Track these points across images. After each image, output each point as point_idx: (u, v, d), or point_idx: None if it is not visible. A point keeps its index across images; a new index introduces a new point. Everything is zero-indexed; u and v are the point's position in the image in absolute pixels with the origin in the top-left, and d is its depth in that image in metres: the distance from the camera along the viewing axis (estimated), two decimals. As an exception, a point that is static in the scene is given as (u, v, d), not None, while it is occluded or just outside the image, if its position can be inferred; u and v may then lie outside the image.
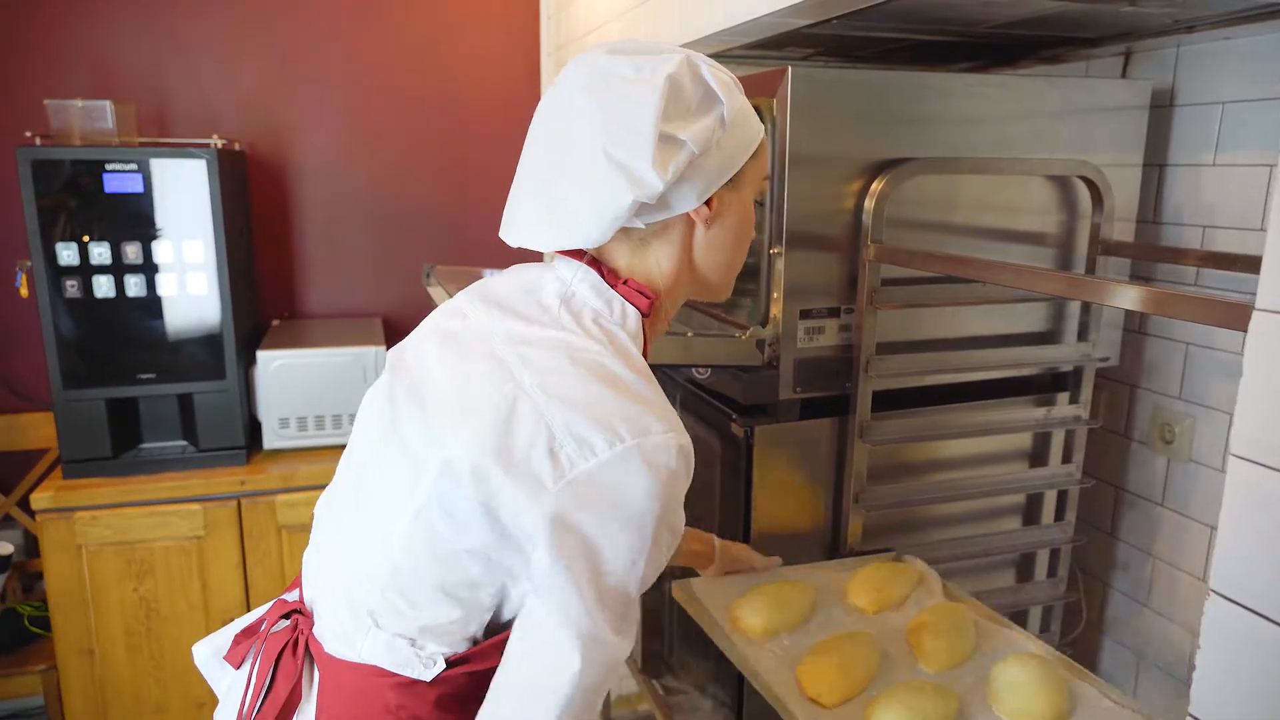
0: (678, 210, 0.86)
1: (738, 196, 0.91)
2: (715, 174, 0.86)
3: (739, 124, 0.87)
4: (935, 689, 1.06)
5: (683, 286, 0.93)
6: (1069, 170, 1.38)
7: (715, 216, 0.89)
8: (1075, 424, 1.47)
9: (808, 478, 1.39)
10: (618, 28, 1.96)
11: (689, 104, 0.84)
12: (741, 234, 0.94)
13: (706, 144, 0.84)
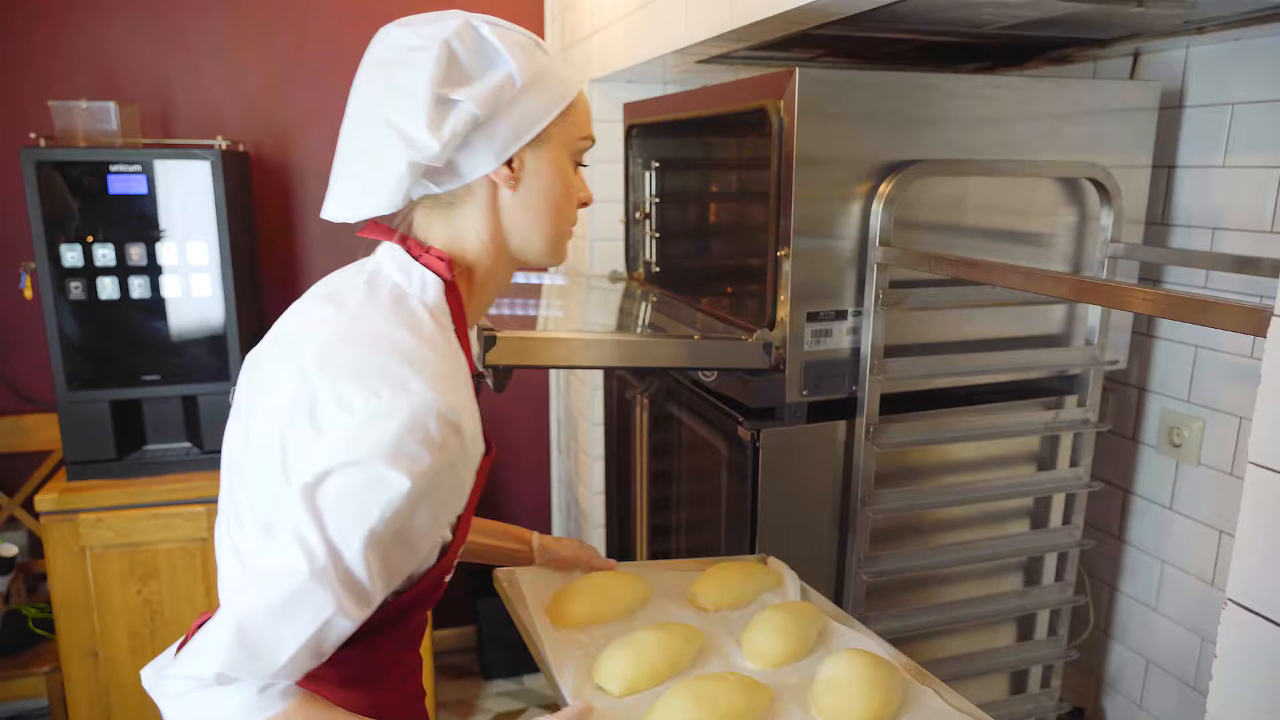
0: (473, 173, 0.88)
1: (545, 157, 0.90)
2: (510, 135, 0.87)
3: (537, 84, 0.87)
4: (743, 683, 0.98)
5: (501, 250, 0.93)
6: (1078, 172, 1.37)
7: (518, 178, 0.89)
8: (1083, 427, 1.46)
9: (815, 481, 1.38)
10: (622, 28, 1.96)
11: (468, 66, 0.85)
12: (555, 195, 0.93)
13: (492, 105, 0.85)
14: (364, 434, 0.75)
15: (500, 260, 0.94)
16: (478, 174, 0.88)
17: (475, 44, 0.86)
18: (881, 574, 1.38)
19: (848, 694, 0.97)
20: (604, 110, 2.24)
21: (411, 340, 0.82)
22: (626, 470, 2.01)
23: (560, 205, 0.93)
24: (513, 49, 0.86)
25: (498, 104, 0.85)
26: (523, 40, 0.89)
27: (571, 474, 2.76)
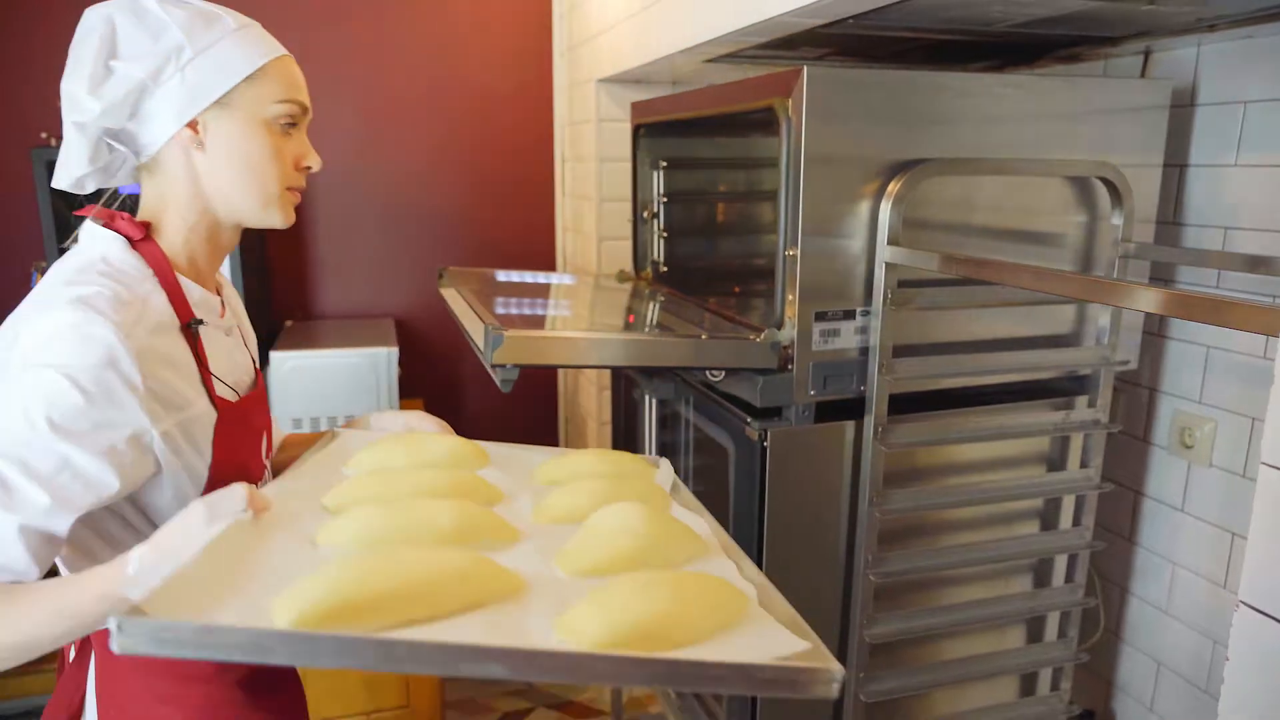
0: (157, 137, 0.95)
1: (233, 120, 0.97)
2: (186, 99, 0.94)
3: (213, 52, 0.95)
4: (475, 514, 0.86)
5: (205, 209, 1.00)
6: (1088, 171, 1.36)
7: (203, 141, 0.96)
8: (1094, 428, 1.45)
9: (823, 481, 1.38)
10: (629, 27, 1.96)
11: (133, 38, 0.94)
12: (251, 157, 0.99)
13: (157, 71, 0.93)
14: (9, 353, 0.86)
15: (206, 217, 1.00)
16: (161, 137, 0.95)
17: (140, 17, 0.94)
18: (890, 575, 1.37)
19: (599, 542, 0.85)
20: (611, 109, 2.25)
21: (56, 290, 0.89)
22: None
23: (258, 166, 0.99)
24: (183, 21, 0.95)
25: (163, 70, 0.94)
26: (199, 12, 0.97)
27: (579, 474, 2.76)
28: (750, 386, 1.34)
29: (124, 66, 0.93)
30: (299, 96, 1.03)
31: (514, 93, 2.66)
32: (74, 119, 0.94)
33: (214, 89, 0.95)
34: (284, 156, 1.02)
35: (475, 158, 2.67)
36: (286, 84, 1.01)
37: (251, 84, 0.97)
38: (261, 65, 0.98)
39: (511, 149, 2.69)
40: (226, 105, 0.96)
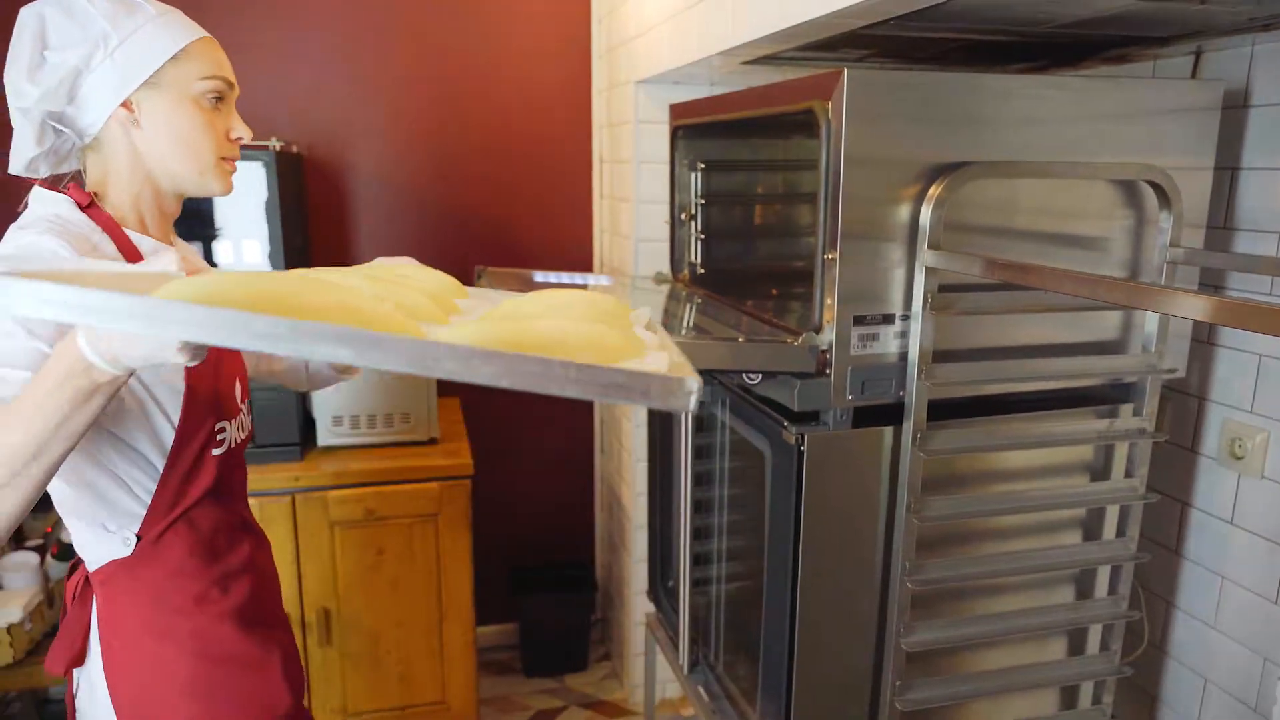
0: (93, 117, 1.07)
1: (164, 97, 1.08)
2: (119, 81, 1.05)
3: (138, 37, 1.05)
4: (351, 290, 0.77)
5: (146, 179, 1.11)
6: (1135, 175, 1.34)
7: (137, 118, 1.07)
8: (1139, 437, 1.42)
9: (860, 487, 1.37)
10: (668, 29, 1.96)
11: (63, 28, 1.04)
12: (183, 130, 1.09)
13: (87, 57, 1.04)
14: None
15: (149, 186, 1.12)
16: (100, 118, 1.07)
17: (68, 11, 1.04)
18: (928, 583, 1.35)
19: (513, 317, 0.80)
20: (649, 111, 2.25)
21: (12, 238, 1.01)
22: (669, 472, 2.01)
23: (190, 139, 1.09)
24: (106, 11, 1.05)
25: (93, 56, 1.04)
26: (120, 3, 1.06)
27: (613, 474, 2.77)
28: (787, 390, 1.33)
29: (56, 55, 1.04)
30: (223, 73, 1.13)
31: (552, 94, 2.68)
32: (18, 105, 1.05)
33: (142, 70, 1.06)
34: (215, 129, 1.12)
35: (513, 158, 2.69)
36: (209, 62, 1.11)
37: (177, 64, 1.08)
38: (184, 46, 1.09)
39: (549, 150, 2.70)
40: (156, 85, 1.07)
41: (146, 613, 1.09)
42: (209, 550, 1.14)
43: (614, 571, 2.84)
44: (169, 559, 1.10)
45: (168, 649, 1.10)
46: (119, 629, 1.09)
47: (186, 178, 1.12)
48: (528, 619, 2.77)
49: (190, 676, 1.11)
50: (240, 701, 1.15)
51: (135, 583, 1.09)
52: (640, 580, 2.52)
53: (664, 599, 2.10)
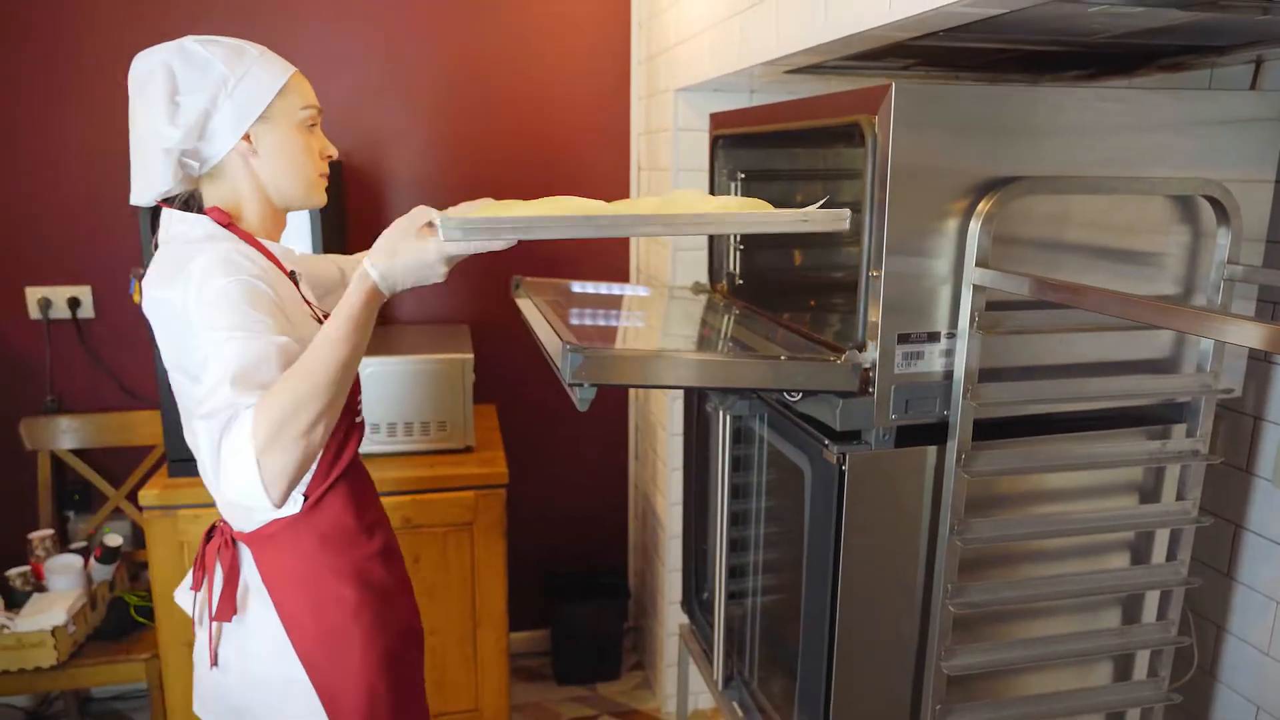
0: (217, 149, 1.22)
1: (274, 127, 1.24)
2: (238, 117, 1.21)
3: (250, 78, 1.21)
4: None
5: (266, 201, 1.28)
6: (1193, 189, 1.30)
7: (255, 148, 1.23)
8: (1193, 459, 1.38)
9: (902, 507, 1.34)
10: (710, 38, 1.94)
11: (188, 76, 1.19)
12: (291, 154, 1.26)
13: (213, 98, 1.19)
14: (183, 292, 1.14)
15: (269, 205, 1.28)
16: (223, 149, 1.22)
17: (187, 59, 1.19)
18: (971, 606, 1.33)
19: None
20: (689, 119, 2.23)
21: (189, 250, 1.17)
22: (704, 483, 2.00)
23: (298, 162, 1.27)
24: (221, 56, 1.20)
25: (217, 97, 1.19)
26: (231, 48, 1.22)
27: (648, 482, 2.76)
28: (829, 408, 1.31)
29: (187, 99, 1.18)
30: (315, 101, 1.29)
31: (591, 101, 2.68)
32: (160, 146, 1.19)
33: (257, 106, 1.22)
34: (313, 151, 1.29)
35: (551, 165, 2.69)
36: (304, 93, 1.28)
37: (282, 97, 1.24)
38: (285, 81, 1.24)
39: (587, 157, 2.70)
40: (267, 118, 1.23)
41: (316, 556, 1.30)
42: (359, 503, 1.36)
43: (647, 580, 2.83)
44: (330, 512, 1.32)
45: (338, 582, 1.32)
46: (288, 576, 1.29)
47: (295, 194, 1.29)
48: (560, 626, 2.77)
49: (357, 603, 1.32)
50: (389, 622, 1.37)
51: (301, 534, 1.29)
52: (674, 590, 2.51)
53: (698, 612, 2.09)
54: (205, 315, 1.09)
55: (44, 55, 2.35)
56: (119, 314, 2.49)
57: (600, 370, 1.18)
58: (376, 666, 1.34)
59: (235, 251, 1.16)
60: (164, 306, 1.18)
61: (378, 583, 1.36)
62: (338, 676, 1.31)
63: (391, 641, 1.37)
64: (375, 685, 1.33)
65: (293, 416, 1.03)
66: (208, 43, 1.21)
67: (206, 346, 1.08)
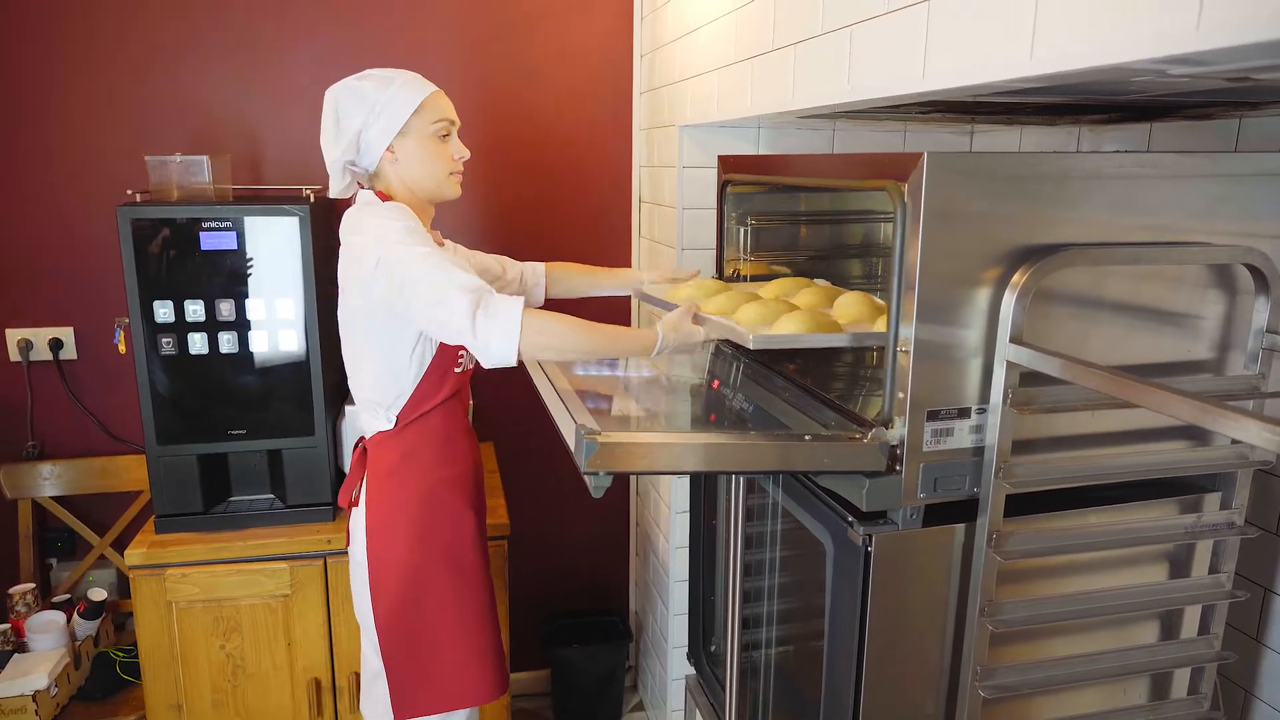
0: (371, 160, 1.60)
1: (411, 139, 1.59)
2: (383, 134, 1.57)
3: (392, 103, 1.56)
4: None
5: (411, 196, 1.64)
6: (1232, 258, 1.24)
7: (396, 155, 1.59)
8: (1229, 533, 1.33)
9: (929, 587, 1.28)
10: (719, 80, 1.88)
11: (347, 106, 1.57)
12: (425, 159, 1.61)
13: (365, 122, 1.56)
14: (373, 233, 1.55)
15: (414, 199, 1.64)
16: (375, 159, 1.60)
17: (351, 91, 1.57)
18: (1001, 690, 1.27)
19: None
20: (695, 156, 2.17)
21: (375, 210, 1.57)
22: (712, 531, 1.94)
23: (429, 165, 1.61)
24: (373, 88, 1.56)
25: (367, 119, 1.56)
26: (380, 80, 1.57)
27: (649, 521, 2.69)
28: (854, 486, 1.25)
29: (345, 122, 1.57)
30: (447, 115, 1.62)
31: (592, 133, 2.61)
32: (329, 159, 1.60)
33: (396, 124, 1.56)
34: (445, 155, 1.63)
35: (553, 201, 2.62)
36: (439, 109, 1.61)
37: (417, 115, 1.57)
38: (420, 102, 1.58)
39: (590, 189, 2.63)
40: (405, 133, 1.58)
41: (397, 465, 1.64)
42: (441, 437, 1.68)
43: (649, 621, 2.76)
44: (415, 436, 1.65)
45: (403, 489, 1.65)
46: (377, 474, 1.65)
47: (430, 189, 1.63)
48: (560, 668, 2.70)
49: (416, 512, 1.65)
50: (437, 539, 1.66)
51: (390, 448, 1.65)
52: (678, 634, 2.44)
53: (706, 664, 2.03)
54: (411, 236, 1.50)
55: (28, 93, 2.27)
56: (103, 355, 2.40)
57: (617, 458, 1.12)
58: (417, 569, 1.64)
59: (401, 209, 1.55)
60: (354, 248, 1.55)
61: (438, 502, 1.66)
62: (387, 570, 1.63)
63: (436, 554, 1.65)
64: (414, 584, 1.64)
65: (551, 328, 1.46)
66: (365, 77, 1.57)
67: (422, 255, 1.48)
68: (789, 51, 1.49)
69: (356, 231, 1.55)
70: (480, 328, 1.42)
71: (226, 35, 2.32)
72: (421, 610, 1.65)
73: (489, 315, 1.42)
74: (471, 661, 1.69)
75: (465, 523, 1.70)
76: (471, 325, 1.42)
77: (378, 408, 1.64)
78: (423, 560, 1.64)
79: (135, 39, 2.29)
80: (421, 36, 2.46)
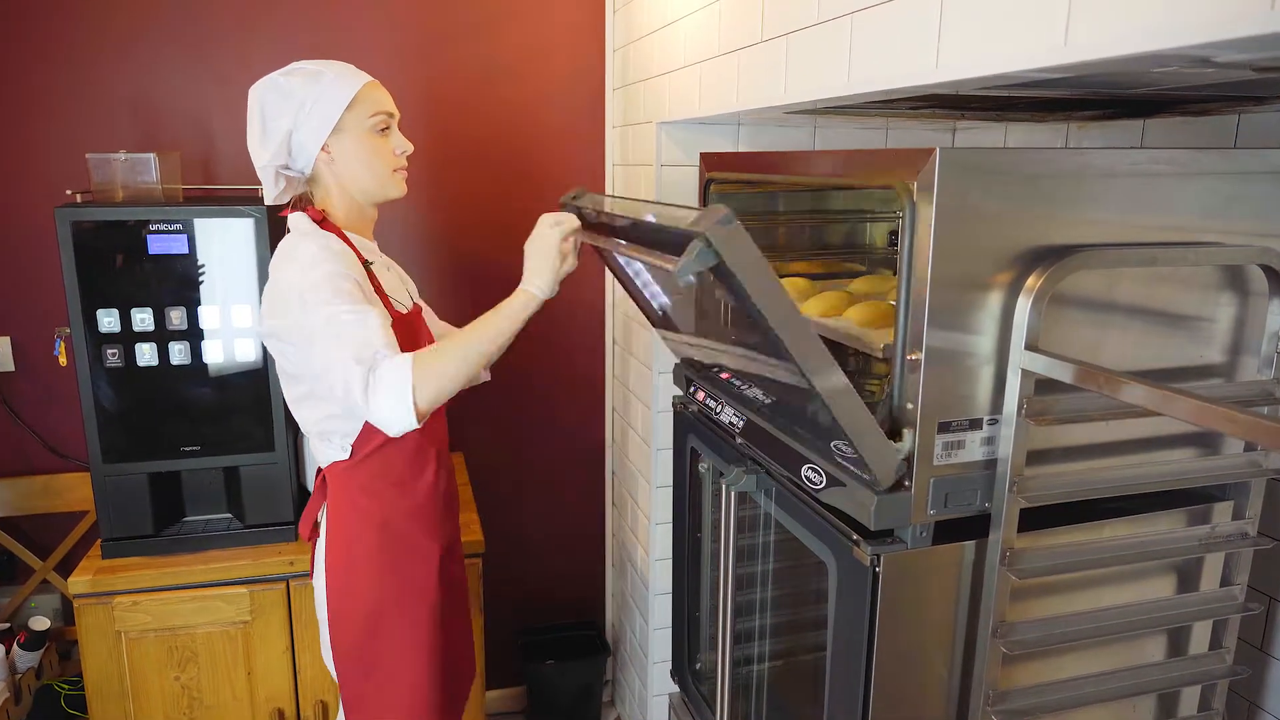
0: (304, 162, 1.48)
1: (347, 136, 1.47)
2: (315, 133, 1.44)
3: (322, 99, 1.43)
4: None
5: (350, 198, 1.52)
6: (1247, 259, 1.19)
7: (333, 155, 1.47)
8: (1243, 544, 1.28)
9: (938, 609, 1.21)
10: (702, 73, 1.80)
11: (274, 104, 1.44)
12: (365, 156, 1.49)
13: (295, 121, 1.43)
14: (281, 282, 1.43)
15: (353, 202, 1.53)
16: (309, 160, 1.47)
17: (277, 89, 1.45)
18: (1014, 714, 1.20)
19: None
20: (673, 154, 2.09)
21: (292, 244, 1.45)
22: (696, 546, 1.86)
23: (369, 162, 1.49)
24: (300, 84, 1.43)
25: (297, 119, 1.43)
26: (309, 74, 1.45)
27: (627, 532, 2.60)
28: (857, 502, 1.18)
29: (273, 124, 1.44)
30: (384, 108, 1.50)
31: (565, 130, 2.52)
32: (259, 164, 1.47)
33: (328, 122, 1.44)
34: (385, 151, 1.50)
35: (523, 195, 2.52)
36: (375, 101, 1.49)
37: (351, 110, 1.45)
38: (354, 95, 1.45)
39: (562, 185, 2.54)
40: (340, 130, 1.45)
41: (355, 497, 1.52)
42: (404, 464, 1.55)
43: (627, 634, 2.67)
44: (376, 465, 1.52)
45: (362, 522, 1.53)
46: (336, 506, 1.54)
47: (372, 189, 1.51)
48: (537, 683, 2.61)
49: (375, 546, 1.53)
50: (396, 575, 1.55)
51: (348, 478, 1.53)
52: (659, 649, 2.36)
53: (692, 683, 1.95)
54: (316, 294, 1.36)
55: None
56: (42, 367, 2.25)
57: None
58: (375, 607, 1.54)
59: (325, 246, 1.41)
60: (278, 287, 1.41)
61: (400, 536, 1.55)
62: (345, 601, 1.53)
63: (394, 591, 1.55)
64: (373, 621, 1.54)
65: (444, 370, 1.34)
66: (290, 72, 1.45)
67: (326, 317, 1.34)
68: (780, 43, 1.41)
69: (280, 269, 1.43)
70: (373, 402, 1.31)
71: (175, 24, 2.18)
72: (377, 648, 1.56)
73: (378, 385, 1.31)
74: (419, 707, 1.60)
75: (429, 555, 1.59)
76: (365, 399, 1.31)
77: (330, 437, 1.52)
78: (381, 598, 1.55)
79: (76, 27, 2.14)
80: (380, 30, 2.34)
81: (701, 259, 1.01)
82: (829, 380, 1.08)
